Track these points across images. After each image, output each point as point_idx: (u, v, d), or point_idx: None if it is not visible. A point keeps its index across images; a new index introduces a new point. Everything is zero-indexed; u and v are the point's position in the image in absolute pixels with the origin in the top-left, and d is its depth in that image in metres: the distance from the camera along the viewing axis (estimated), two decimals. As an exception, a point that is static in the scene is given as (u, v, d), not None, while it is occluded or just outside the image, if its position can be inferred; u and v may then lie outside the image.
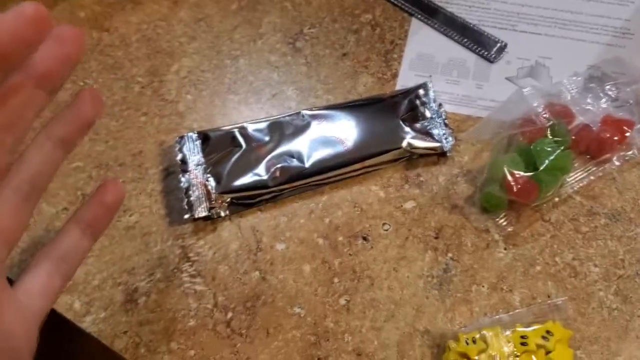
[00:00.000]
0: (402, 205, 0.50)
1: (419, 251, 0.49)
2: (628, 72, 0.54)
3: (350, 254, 0.49)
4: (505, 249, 0.48)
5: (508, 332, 0.44)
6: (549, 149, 0.47)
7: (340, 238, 0.50)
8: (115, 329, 0.47)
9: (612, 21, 0.56)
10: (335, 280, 0.48)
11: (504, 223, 0.49)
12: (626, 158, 0.51)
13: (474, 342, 0.43)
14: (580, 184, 0.50)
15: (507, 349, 0.43)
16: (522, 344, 0.43)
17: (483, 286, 0.47)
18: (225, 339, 0.46)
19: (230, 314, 0.47)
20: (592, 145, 0.50)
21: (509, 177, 0.46)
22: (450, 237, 0.49)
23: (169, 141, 0.54)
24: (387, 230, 0.50)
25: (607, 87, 0.53)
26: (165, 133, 0.54)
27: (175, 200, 0.51)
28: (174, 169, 0.52)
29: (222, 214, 0.50)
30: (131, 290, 0.48)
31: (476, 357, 0.42)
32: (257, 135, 0.51)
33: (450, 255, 0.48)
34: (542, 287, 0.47)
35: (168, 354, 0.46)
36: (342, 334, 0.46)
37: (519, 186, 0.46)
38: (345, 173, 0.51)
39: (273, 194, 0.51)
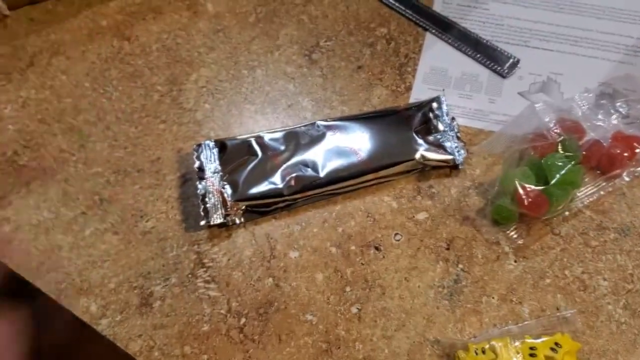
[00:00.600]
0: (414, 216, 0.51)
1: (430, 262, 0.49)
2: (639, 89, 0.54)
3: (362, 263, 0.50)
4: (515, 261, 0.49)
5: (517, 343, 0.45)
6: (559, 163, 0.48)
7: (353, 247, 0.50)
8: (130, 332, 0.48)
9: (623, 39, 0.57)
10: (347, 288, 0.49)
11: (515, 236, 0.49)
12: (636, 174, 0.52)
13: (484, 352, 0.44)
14: (591, 199, 0.51)
15: (516, 359, 0.44)
16: (531, 355, 0.44)
17: (493, 297, 0.48)
18: (238, 344, 0.47)
19: (243, 320, 0.48)
20: (603, 161, 0.51)
21: (520, 191, 0.47)
22: (461, 248, 0.50)
23: (186, 149, 0.55)
24: (399, 240, 0.50)
25: (618, 103, 0.54)
26: (183, 141, 0.55)
27: (191, 206, 0.52)
28: (190, 176, 0.53)
29: (237, 221, 0.51)
30: (146, 294, 0.49)
31: (485, 367, 0.43)
32: (273, 144, 0.52)
33: (461, 266, 0.49)
34: (551, 299, 0.48)
35: (182, 357, 0.47)
36: (353, 342, 0.47)
37: (530, 199, 0.47)
38: (359, 183, 0.52)
39: (287, 203, 0.52)
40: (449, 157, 0.52)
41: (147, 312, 0.49)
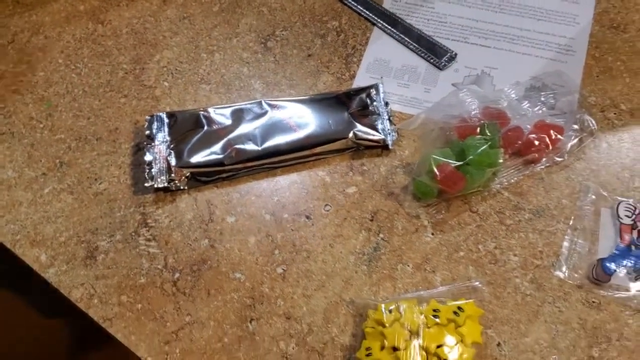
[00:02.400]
0: (344, 190, 0.55)
1: (354, 231, 0.53)
2: (566, 85, 0.58)
3: (292, 230, 0.54)
4: (432, 234, 0.52)
5: (423, 306, 0.48)
6: (477, 144, 0.52)
7: (286, 215, 0.54)
8: (74, 281, 0.52)
9: (557, 38, 0.61)
10: (276, 251, 0.53)
11: (434, 211, 0.53)
12: (555, 161, 0.55)
13: (390, 312, 0.47)
14: (510, 181, 0.54)
15: (419, 320, 0.47)
16: (434, 316, 0.47)
17: (408, 265, 0.51)
18: (170, 296, 0.51)
19: (177, 275, 0.52)
20: (522, 146, 0.54)
21: (435, 167, 0.51)
22: (383, 220, 0.53)
23: (142, 121, 0.59)
24: (328, 210, 0.54)
25: (545, 95, 0.57)
26: (141, 114, 0.60)
27: (141, 173, 0.57)
28: (144, 146, 0.58)
29: (182, 187, 0.55)
30: (92, 248, 0.54)
31: (388, 325, 0.46)
32: (219, 118, 0.57)
33: (381, 236, 0.53)
34: (463, 270, 0.51)
35: (118, 306, 0.51)
36: (275, 299, 0.51)
37: (444, 175, 0.50)
38: (296, 158, 0.56)
39: (230, 173, 0.56)
40: (380, 137, 0.56)
41: (91, 264, 0.53)
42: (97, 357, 1.18)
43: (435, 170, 0.50)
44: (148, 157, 0.55)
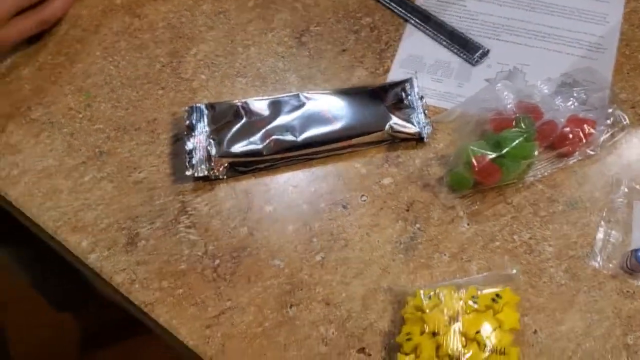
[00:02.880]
0: (380, 181, 0.56)
1: (390, 220, 0.54)
2: (597, 81, 0.59)
3: (329, 219, 0.55)
4: (468, 224, 0.53)
5: (461, 293, 0.49)
6: (513, 136, 0.53)
7: (323, 205, 0.55)
8: (115, 266, 0.53)
9: (587, 36, 0.62)
10: (314, 239, 0.54)
11: (469, 202, 0.54)
12: (588, 154, 0.56)
13: (429, 298, 0.48)
14: (544, 174, 0.55)
15: (458, 306, 0.48)
16: (473, 303, 0.48)
17: (445, 254, 0.52)
18: (211, 282, 0.52)
19: (217, 261, 0.53)
20: (556, 139, 0.55)
21: (473, 159, 0.52)
22: (419, 210, 0.54)
23: (180, 112, 0.61)
24: (364, 200, 0.55)
25: (577, 91, 0.58)
26: (178, 105, 0.61)
27: (180, 162, 0.58)
28: (182, 136, 0.59)
29: (221, 176, 0.56)
30: (133, 234, 0.55)
31: (427, 311, 0.47)
32: (258, 110, 0.58)
33: (418, 225, 0.54)
34: (498, 260, 0.52)
35: (159, 291, 0.52)
36: (314, 285, 0.51)
37: (481, 166, 0.51)
38: (333, 149, 0.57)
39: (268, 164, 0.57)
40: (416, 130, 0.57)
41: (132, 250, 0.54)
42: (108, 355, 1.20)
43: (474, 161, 0.51)
44: (189, 146, 0.56)
